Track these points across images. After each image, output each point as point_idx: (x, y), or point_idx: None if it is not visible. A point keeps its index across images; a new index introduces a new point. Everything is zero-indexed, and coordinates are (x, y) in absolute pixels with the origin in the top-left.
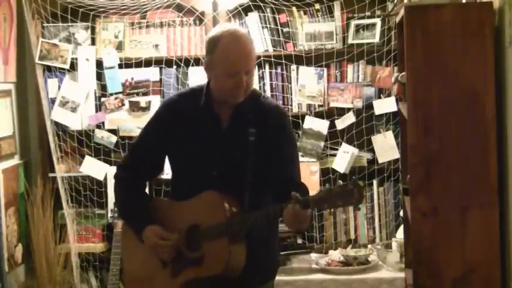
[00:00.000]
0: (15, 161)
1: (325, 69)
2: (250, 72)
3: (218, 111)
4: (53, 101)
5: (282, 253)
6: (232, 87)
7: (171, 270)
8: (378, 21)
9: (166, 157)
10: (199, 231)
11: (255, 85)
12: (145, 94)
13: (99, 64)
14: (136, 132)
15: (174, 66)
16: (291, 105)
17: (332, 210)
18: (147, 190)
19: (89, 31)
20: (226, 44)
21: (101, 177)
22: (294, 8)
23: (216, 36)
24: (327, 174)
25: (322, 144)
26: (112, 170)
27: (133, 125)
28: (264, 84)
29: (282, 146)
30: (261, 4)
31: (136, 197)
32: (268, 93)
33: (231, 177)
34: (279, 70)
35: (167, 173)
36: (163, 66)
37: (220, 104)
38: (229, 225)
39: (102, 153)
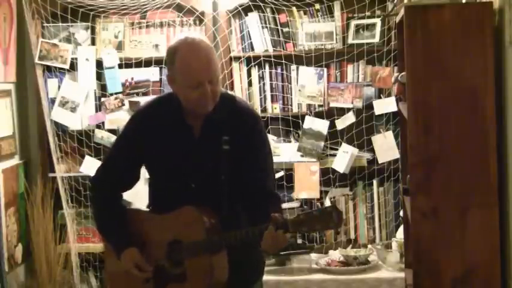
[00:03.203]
0: (15, 161)
1: (325, 69)
2: (214, 80)
3: (189, 121)
4: (52, 101)
5: (282, 253)
6: (198, 99)
7: (154, 286)
8: (377, 21)
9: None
10: (180, 246)
11: (255, 85)
12: (145, 94)
13: (99, 64)
14: None
15: None
16: (291, 105)
17: (310, 233)
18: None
19: (89, 31)
20: (184, 55)
21: None
22: (294, 8)
23: (173, 48)
24: (326, 174)
25: (322, 144)
26: None
27: None
28: (264, 84)
29: (254, 151)
30: (261, 4)
31: (114, 215)
32: (268, 93)
33: (208, 188)
34: (279, 70)
35: None
36: (163, 66)
37: (190, 114)
38: (209, 245)
39: (102, 153)
